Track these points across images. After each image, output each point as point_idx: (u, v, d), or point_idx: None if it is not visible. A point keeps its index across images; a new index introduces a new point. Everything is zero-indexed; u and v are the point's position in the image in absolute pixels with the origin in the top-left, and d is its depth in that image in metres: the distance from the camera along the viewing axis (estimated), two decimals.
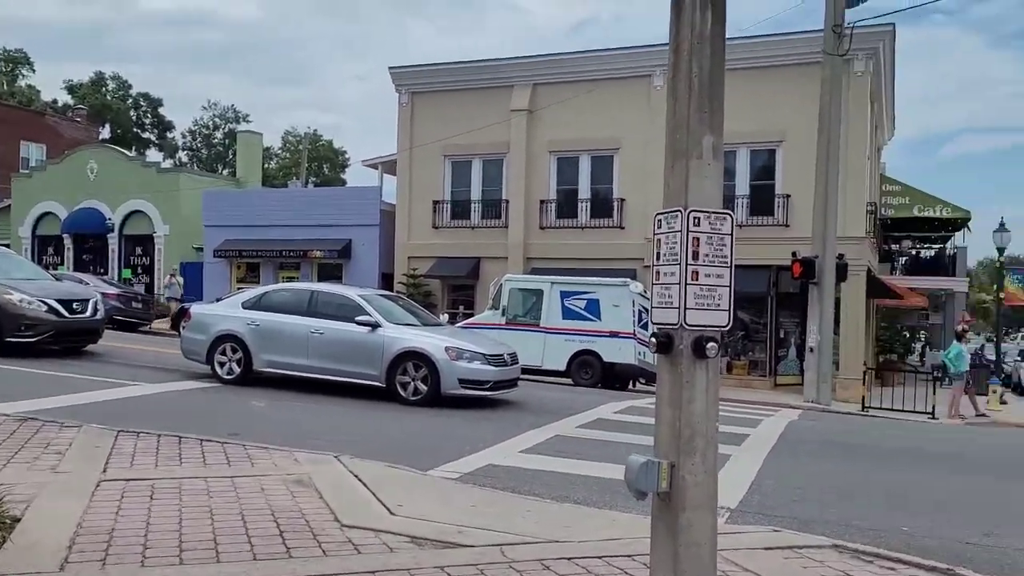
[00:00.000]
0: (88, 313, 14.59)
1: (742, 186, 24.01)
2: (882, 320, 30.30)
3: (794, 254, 19.33)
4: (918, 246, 35.37)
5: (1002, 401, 21.50)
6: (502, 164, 27.06)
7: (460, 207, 27.63)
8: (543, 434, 10.08)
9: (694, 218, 3.69)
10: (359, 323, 12.09)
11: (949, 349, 20.62)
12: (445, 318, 20.34)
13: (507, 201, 26.78)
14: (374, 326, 12.05)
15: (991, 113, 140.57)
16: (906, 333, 32.63)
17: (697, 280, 3.70)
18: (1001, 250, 28.09)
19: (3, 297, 13.56)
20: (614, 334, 18.39)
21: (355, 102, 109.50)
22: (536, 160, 26.43)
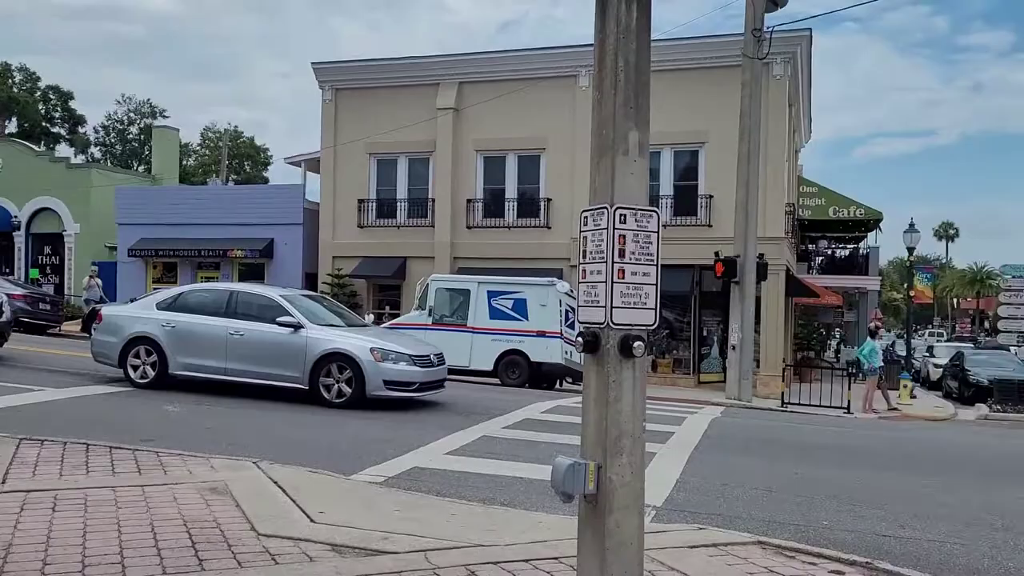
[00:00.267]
0: None
1: (666, 186, 24.33)
2: (800, 318, 31.14)
3: (717, 254, 19.70)
4: (833, 246, 36.57)
5: (912, 395, 22.30)
6: (428, 163, 26.82)
7: (386, 206, 27.26)
8: (470, 435, 9.97)
9: (620, 215, 3.64)
10: (281, 324, 11.76)
11: (863, 346, 21.28)
12: (371, 319, 19.99)
13: (433, 200, 26.55)
14: (296, 327, 11.74)
15: (901, 118, 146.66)
16: (822, 330, 33.56)
17: (624, 278, 3.65)
18: (911, 250, 29.17)
19: None
20: (541, 334, 18.41)
21: (279, 100, 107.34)
22: (463, 159, 26.28)
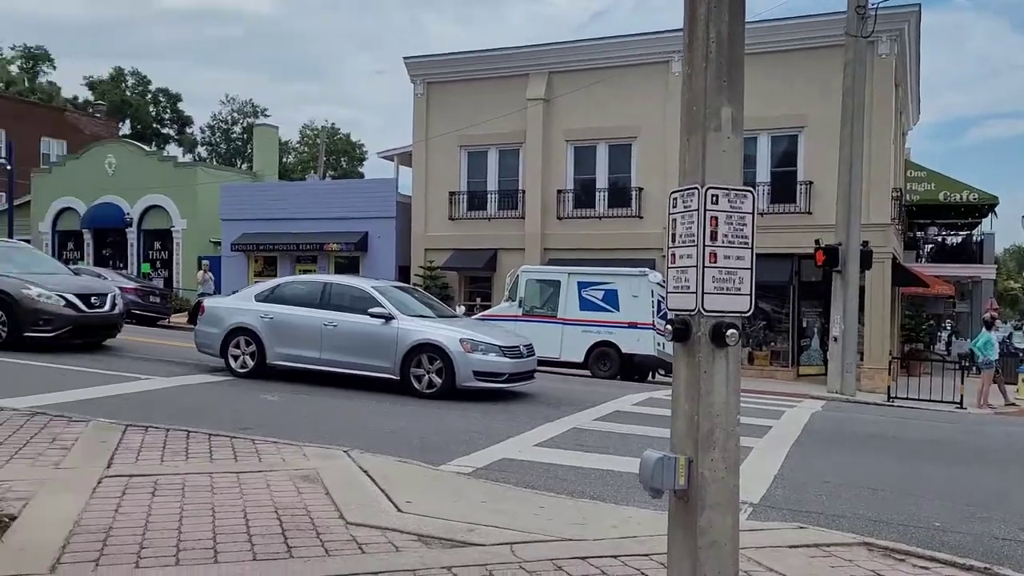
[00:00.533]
0: (106, 308, 14.50)
1: (763, 173, 23.58)
2: (907, 308, 29.75)
3: (817, 242, 18.98)
4: (944, 233, 34.71)
5: None
6: (519, 154, 26.78)
7: (477, 198, 27.39)
8: (559, 427, 9.85)
9: (712, 195, 3.44)
10: (373, 315, 11.90)
11: (977, 337, 20.18)
12: (462, 310, 20.13)
13: (524, 191, 26.51)
14: (388, 318, 11.87)
15: (1017, 98, 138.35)
16: (932, 322, 32.01)
17: (716, 262, 3.46)
18: None
19: (21, 292, 13.48)
20: (633, 325, 18.12)
21: (374, 96, 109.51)
22: (553, 150, 26.13)
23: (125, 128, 61.66)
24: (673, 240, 3.62)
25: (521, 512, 5.63)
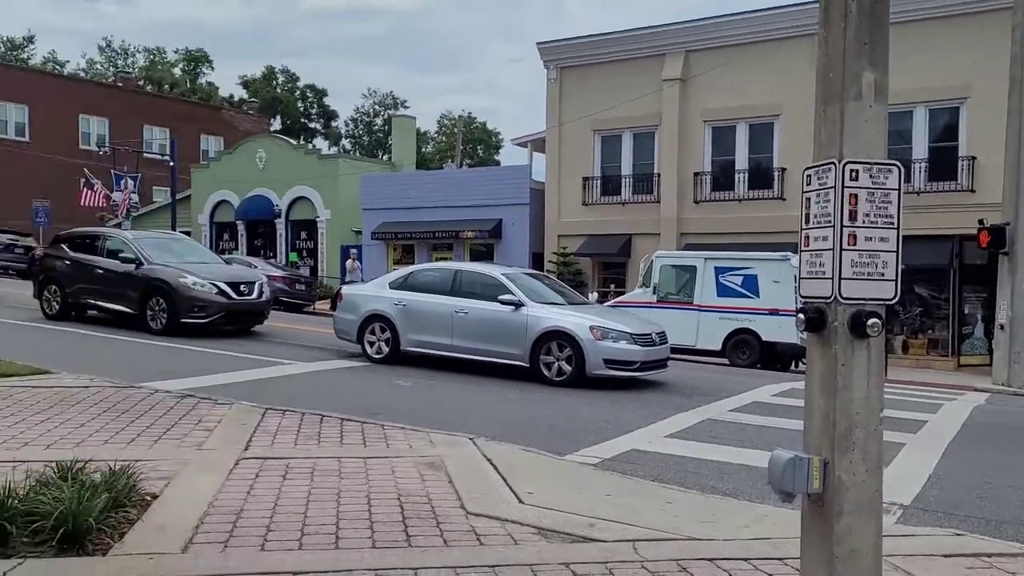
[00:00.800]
0: (254, 295, 15.26)
1: (920, 149, 22.02)
2: None
3: (981, 222, 17.55)
4: None
5: None
6: (654, 137, 26.18)
7: (610, 183, 27.01)
8: (693, 417, 9.50)
9: (851, 171, 3.11)
10: (502, 302, 11.90)
11: None
12: (595, 297, 19.89)
13: (659, 175, 25.91)
14: (517, 305, 11.83)
15: None
16: None
17: (855, 245, 3.13)
18: None
19: (178, 280, 14.39)
20: (774, 311, 17.33)
21: (509, 84, 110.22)
22: (689, 131, 25.38)
23: (276, 124, 64.95)
24: (807, 221, 3.31)
25: (647, 507, 5.42)
